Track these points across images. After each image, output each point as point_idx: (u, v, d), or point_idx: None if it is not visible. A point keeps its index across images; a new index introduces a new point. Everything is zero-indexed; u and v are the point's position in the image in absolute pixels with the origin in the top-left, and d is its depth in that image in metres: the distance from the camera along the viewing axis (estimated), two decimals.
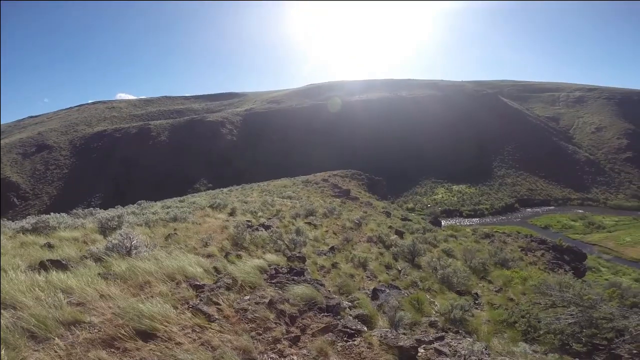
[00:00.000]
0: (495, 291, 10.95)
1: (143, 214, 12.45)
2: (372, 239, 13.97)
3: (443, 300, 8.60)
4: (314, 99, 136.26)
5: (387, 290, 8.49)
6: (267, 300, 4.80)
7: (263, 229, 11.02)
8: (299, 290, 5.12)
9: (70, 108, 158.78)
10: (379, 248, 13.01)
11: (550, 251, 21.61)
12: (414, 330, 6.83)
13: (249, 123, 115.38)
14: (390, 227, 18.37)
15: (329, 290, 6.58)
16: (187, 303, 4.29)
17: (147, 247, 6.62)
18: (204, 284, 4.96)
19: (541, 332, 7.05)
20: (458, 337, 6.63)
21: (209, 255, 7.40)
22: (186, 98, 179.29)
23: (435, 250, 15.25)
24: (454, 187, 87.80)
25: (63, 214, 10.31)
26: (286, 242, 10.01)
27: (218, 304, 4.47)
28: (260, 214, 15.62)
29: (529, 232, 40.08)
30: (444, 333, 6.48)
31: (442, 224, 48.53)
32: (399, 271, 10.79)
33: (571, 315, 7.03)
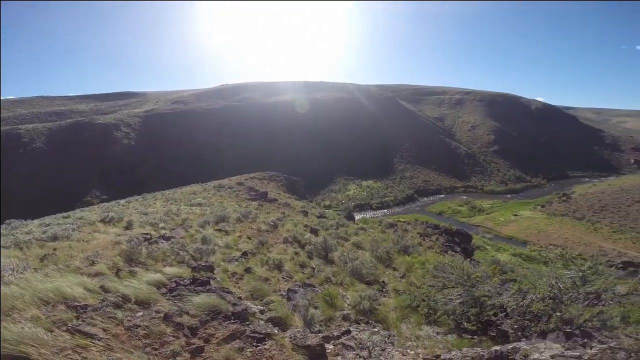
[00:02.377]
0: (400, 277, 11.66)
1: (12, 235, 10.28)
2: (288, 240, 14.04)
3: (354, 293, 8.87)
4: (227, 99, 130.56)
5: (301, 290, 8.51)
6: (162, 315, 4.57)
7: (164, 241, 10.20)
8: (201, 300, 4.97)
9: None
10: (294, 248, 13.12)
11: (443, 235, 24.90)
12: (329, 326, 6.99)
13: (150, 125, 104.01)
14: (306, 225, 18.73)
15: (239, 297, 6.46)
16: (66, 325, 3.95)
17: (14, 270, 5.91)
18: (86, 305, 4.56)
19: (439, 313, 7.46)
20: (366, 328, 7.07)
21: (96, 274, 6.65)
22: (69, 98, 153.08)
23: (347, 244, 16.08)
24: (363, 182, 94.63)
25: None
26: (190, 253, 9.44)
27: (104, 323, 4.17)
28: (162, 225, 14.34)
29: (426, 219, 45.58)
30: (350, 327, 6.82)
31: (355, 217, 51.82)
32: (314, 269, 11.03)
33: (459, 295, 7.49)
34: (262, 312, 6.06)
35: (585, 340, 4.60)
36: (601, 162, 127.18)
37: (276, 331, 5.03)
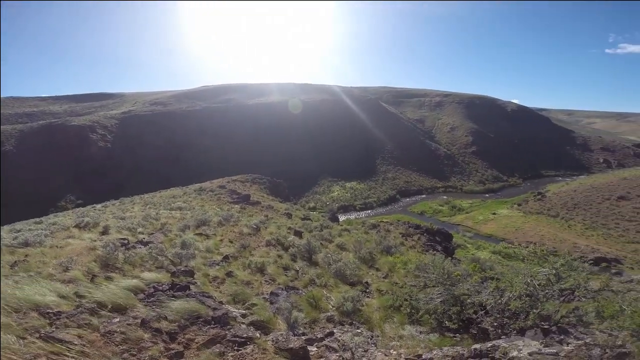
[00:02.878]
0: (383, 278, 11.75)
1: None
2: (271, 242, 13.94)
3: (338, 294, 8.88)
4: (209, 101, 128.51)
5: (285, 293, 8.44)
6: (139, 320, 4.50)
7: (142, 246, 10.00)
8: (179, 305, 4.91)
9: None
10: (277, 251, 13.04)
11: (425, 234, 25.32)
12: (313, 328, 6.98)
13: (127, 127, 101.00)
14: (289, 228, 18.66)
15: (220, 302, 6.38)
16: (38, 332, 3.86)
17: None
18: (60, 311, 4.46)
19: (421, 312, 7.51)
20: (350, 330, 7.11)
21: (70, 281, 6.49)
22: (42, 99, 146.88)
23: (331, 245, 16.11)
24: (347, 184, 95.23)
25: None
26: (170, 258, 9.28)
27: (79, 329, 4.10)
28: (140, 229, 14.05)
29: (408, 219, 46.35)
30: (335, 328, 6.84)
31: (340, 219, 52.03)
32: (297, 271, 11.01)
33: (439, 294, 7.54)
34: (243, 316, 6.00)
35: (562, 337, 4.76)
36: (573, 161, 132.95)
37: (258, 335, 4.99)
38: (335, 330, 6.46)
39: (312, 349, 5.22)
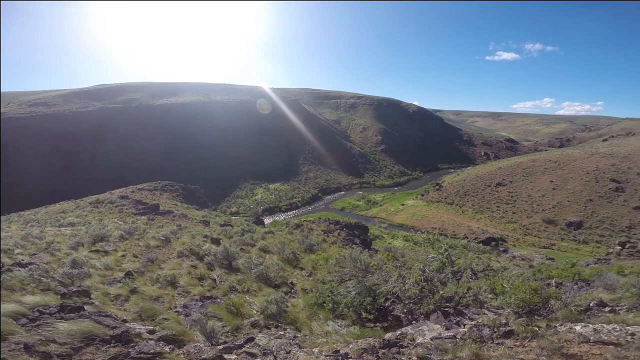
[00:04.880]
0: (307, 276, 11.80)
1: None
2: (184, 253, 12.80)
3: (262, 298, 8.66)
4: (105, 101, 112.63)
5: (200, 303, 8.16)
6: (22, 346, 4.20)
7: (20, 268, 8.84)
8: (69, 326, 4.70)
9: None
10: (191, 261, 12.02)
11: (344, 229, 26.41)
12: (236, 336, 6.71)
13: None
14: (206, 236, 17.46)
15: (124, 320, 6.07)
16: None
17: None
18: None
19: (341, 307, 7.66)
20: (274, 332, 6.90)
21: None
22: None
23: (253, 249, 15.59)
24: (271, 185, 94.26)
25: None
26: (58, 278, 8.36)
27: None
28: (18, 250, 12.23)
29: (331, 216, 48.03)
30: (260, 333, 6.61)
31: (266, 221, 51.07)
32: (215, 280, 10.31)
33: (354, 287, 7.84)
34: (151, 332, 5.72)
35: (459, 319, 5.27)
36: (461, 155, 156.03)
37: (168, 350, 4.82)
38: (260, 335, 6.36)
39: (231, 357, 5.05)
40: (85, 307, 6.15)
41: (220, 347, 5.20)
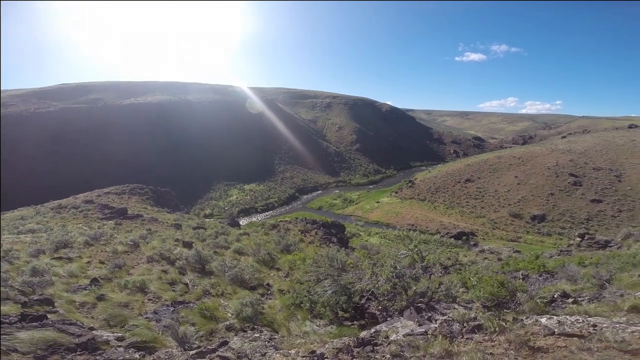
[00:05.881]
0: (284, 277, 11.70)
1: None
2: (154, 258, 12.33)
3: (237, 301, 8.49)
4: (67, 101, 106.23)
5: (172, 308, 8.00)
6: None
7: None
8: (31, 335, 4.62)
9: None
10: (162, 266, 11.60)
11: (321, 229, 26.44)
12: (211, 340, 6.57)
13: None
14: (177, 240, 16.92)
15: (90, 327, 5.92)
16: None
17: None
18: None
19: (318, 306, 7.67)
20: (250, 335, 6.76)
21: None
22: None
23: (228, 252, 15.26)
24: (246, 186, 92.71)
25: None
26: (17, 287, 8.09)
27: None
28: None
29: (308, 215, 47.84)
30: (236, 336, 6.48)
31: (242, 223, 50.11)
32: (187, 284, 10.00)
33: (330, 286, 7.87)
34: (120, 339, 5.60)
35: (431, 314, 5.36)
36: (432, 153, 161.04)
37: (137, 357, 4.79)
38: (235, 338, 6.26)
39: None
40: (49, 315, 5.99)
41: (193, 352, 5.06)
